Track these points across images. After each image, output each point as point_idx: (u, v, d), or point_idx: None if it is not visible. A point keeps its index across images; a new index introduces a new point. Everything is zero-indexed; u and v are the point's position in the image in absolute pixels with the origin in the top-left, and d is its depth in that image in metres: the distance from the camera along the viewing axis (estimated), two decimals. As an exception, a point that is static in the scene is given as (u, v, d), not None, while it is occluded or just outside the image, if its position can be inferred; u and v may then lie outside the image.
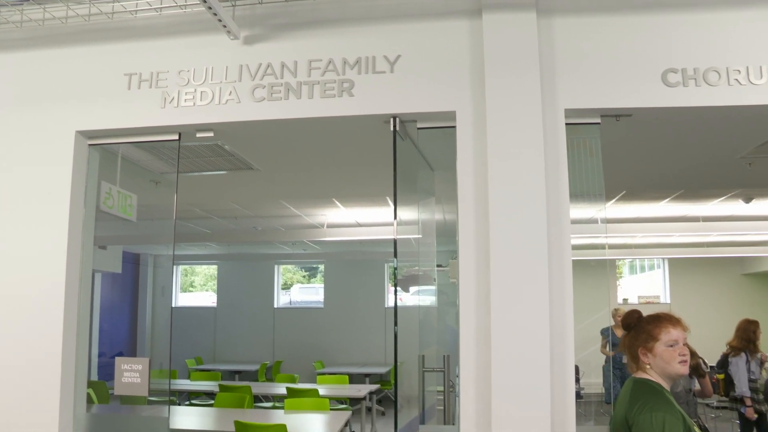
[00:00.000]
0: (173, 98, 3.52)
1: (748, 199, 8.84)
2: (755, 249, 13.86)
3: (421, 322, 3.69)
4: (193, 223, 9.44)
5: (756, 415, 6.66)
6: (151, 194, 5.32)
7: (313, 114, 3.36)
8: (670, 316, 2.69)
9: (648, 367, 2.62)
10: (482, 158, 2.97)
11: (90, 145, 3.72)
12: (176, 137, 3.72)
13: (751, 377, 6.72)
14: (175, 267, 14.94)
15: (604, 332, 7.96)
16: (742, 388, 6.72)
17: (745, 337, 6.91)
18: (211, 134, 3.66)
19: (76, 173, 3.57)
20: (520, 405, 2.58)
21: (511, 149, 2.92)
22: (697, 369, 5.87)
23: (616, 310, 8.26)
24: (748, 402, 6.66)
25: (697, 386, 6.01)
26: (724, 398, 7.40)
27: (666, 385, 2.58)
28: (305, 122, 3.45)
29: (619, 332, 8.01)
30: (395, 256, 3.04)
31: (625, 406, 2.50)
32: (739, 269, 15.23)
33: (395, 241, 2.99)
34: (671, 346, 2.59)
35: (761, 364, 6.87)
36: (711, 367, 11.51)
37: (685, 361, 2.60)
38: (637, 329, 2.67)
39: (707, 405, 9.70)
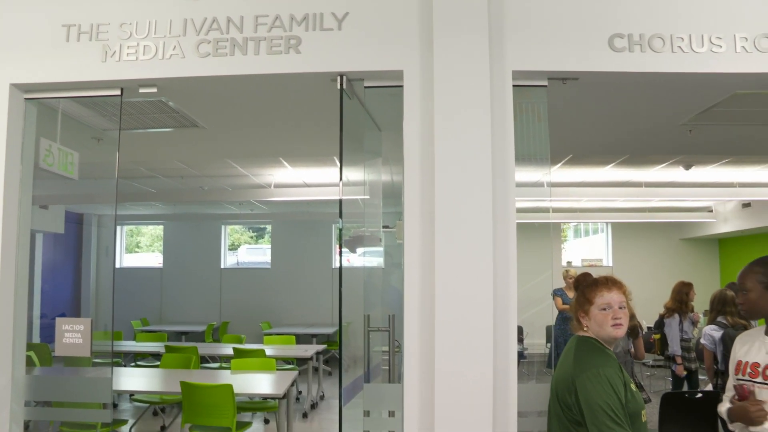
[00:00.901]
0: (114, 52, 3.40)
1: (688, 166, 9.07)
2: (693, 215, 14.27)
3: (367, 283, 3.70)
4: (138, 182, 9.25)
5: (685, 372, 6.98)
6: (94, 152, 5.18)
7: (259, 71, 3.30)
8: (608, 279, 2.75)
9: (586, 329, 2.69)
10: (429, 119, 2.96)
11: (27, 99, 3.58)
12: (118, 93, 3.60)
13: (684, 337, 7.02)
14: (119, 227, 14.66)
15: (557, 292, 8.16)
16: (673, 347, 7.03)
17: (679, 298, 7.21)
18: (154, 90, 3.56)
19: (11, 128, 3.44)
20: (462, 364, 2.62)
21: (458, 110, 2.92)
22: (633, 331, 6.08)
23: (566, 271, 8.45)
24: (679, 360, 6.97)
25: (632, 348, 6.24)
26: (659, 357, 7.69)
27: (607, 344, 2.66)
28: (251, 79, 3.38)
29: (571, 293, 8.23)
30: (340, 216, 3.03)
31: (570, 363, 2.57)
32: (677, 234, 15.71)
33: (340, 202, 2.98)
34: (604, 309, 2.66)
35: (693, 323, 7.17)
36: (648, 328, 11.91)
37: (619, 325, 2.67)
38: (579, 292, 2.75)
39: (643, 364, 10.07)
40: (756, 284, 2.84)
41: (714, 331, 5.64)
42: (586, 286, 2.75)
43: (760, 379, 2.78)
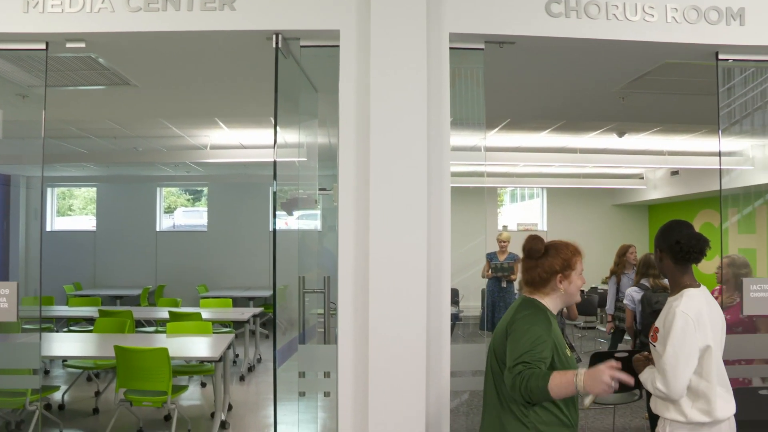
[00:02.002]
0: (38, 2, 3.23)
1: (621, 134, 9.28)
2: (625, 181, 14.67)
3: (302, 246, 3.70)
4: (69, 142, 8.94)
5: (613, 330, 7.30)
6: (19, 109, 4.98)
7: (193, 27, 3.20)
8: (577, 245, 2.82)
9: (553, 292, 2.71)
10: (365, 80, 2.93)
11: (-57, 50, 3.40)
12: (43, 47, 3.45)
13: (620, 297, 7.33)
14: (50, 189, 14.20)
15: (489, 256, 8.30)
16: (607, 306, 7.35)
17: (617, 260, 7.54)
18: (82, 45, 3.41)
19: (-73, 82, 3.28)
20: (396, 326, 2.64)
21: (394, 71, 2.90)
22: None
23: (500, 234, 8.59)
24: (609, 318, 7.28)
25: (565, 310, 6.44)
26: (591, 318, 8.00)
27: (554, 311, 2.71)
28: (184, 36, 3.28)
29: (502, 256, 8.37)
30: (275, 179, 2.99)
31: (508, 319, 2.60)
32: (610, 200, 16.13)
33: (275, 164, 2.94)
34: (580, 274, 2.75)
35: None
36: (581, 291, 12.16)
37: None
38: (552, 256, 2.75)
39: (575, 326, 10.40)
40: (654, 246, 2.99)
41: (635, 293, 5.87)
42: (564, 250, 2.77)
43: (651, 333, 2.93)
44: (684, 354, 2.70)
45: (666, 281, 5.84)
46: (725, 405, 2.81)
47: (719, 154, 3.66)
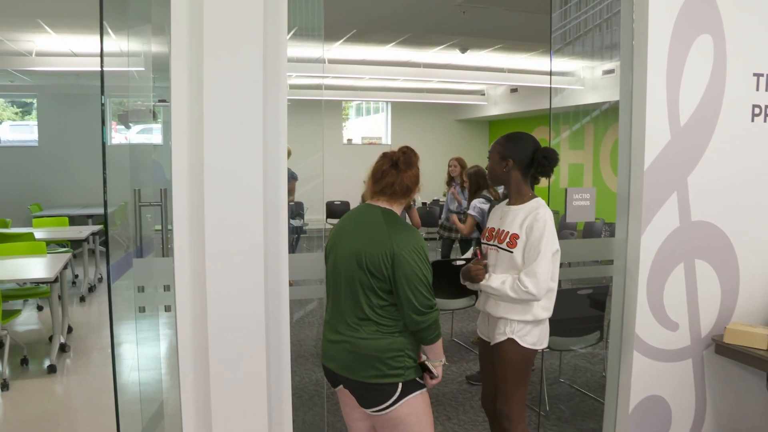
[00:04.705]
0: None
1: (463, 50, 9.53)
2: (468, 97, 15.16)
3: (138, 159, 3.57)
4: None
5: (441, 238, 7.83)
6: None
7: None
8: None
9: (405, 201, 2.82)
10: (197, -15, 2.80)
11: None
12: None
13: (450, 208, 7.80)
14: None
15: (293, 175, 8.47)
16: (442, 217, 7.86)
17: (448, 172, 7.97)
18: None
19: None
20: (233, 237, 2.64)
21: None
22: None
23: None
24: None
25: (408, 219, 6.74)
26: (432, 229, 8.42)
27: None
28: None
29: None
30: (102, 89, 2.83)
31: (385, 236, 2.62)
32: (452, 115, 16.66)
33: (102, 73, 2.78)
34: None
35: (453, 196, 7.92)
36: (423, 203, 12.75)
37: None
38: (411, 165, 2.82)
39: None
40: (495, 154, 3.15)
41: (482, 204, 6.16)
42: (417, 161, 2.85)
43: (494, 242, 3.13)
44: (550, 256, 2.92)
45: (501, 190, 6.22)
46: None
47: (550, 73, 3.86)
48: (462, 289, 3.30)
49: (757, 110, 3.74)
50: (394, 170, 2.76)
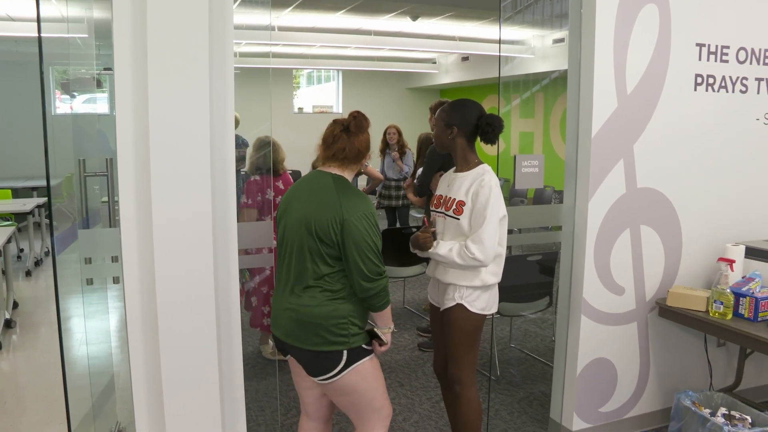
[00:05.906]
0: None
1: (414, 17, 9.49)
2: (419, 65, 15.12)
3: (83, 129, 3.48)
4: None
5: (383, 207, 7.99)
6: None
7: None
8: None
9: (355, 167, 2.81)
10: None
11: None
12: None
13: (388, 175, 7.95)
14: None
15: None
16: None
17: (384, 140, 8.11)
18: None
19: None
20: (181, 204, 2.60)
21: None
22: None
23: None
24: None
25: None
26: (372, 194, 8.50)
27: None
28: None
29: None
30: (40, 57, 2.73)
31: (335, 202, 2.59)
32: (404, 84, 16.62)
33: (39, 39, 2.68)
34: None
35: (394, 161, 8.03)
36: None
37: None
38: (362, 130, 2.79)
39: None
40: (440, 121, 3.16)
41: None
42: (368, 126, 2.85)
43: (441, 209, 3.15)
44: (496, 222, 2.95)
45: None
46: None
47: (500, 41, 3.87)
48: (413, 256, 3.32)
49: (699, 79, 3.83)
50: (346, 135, 2.74)
